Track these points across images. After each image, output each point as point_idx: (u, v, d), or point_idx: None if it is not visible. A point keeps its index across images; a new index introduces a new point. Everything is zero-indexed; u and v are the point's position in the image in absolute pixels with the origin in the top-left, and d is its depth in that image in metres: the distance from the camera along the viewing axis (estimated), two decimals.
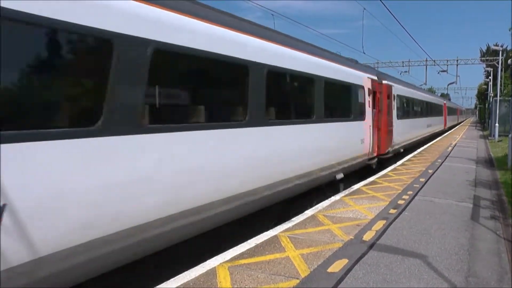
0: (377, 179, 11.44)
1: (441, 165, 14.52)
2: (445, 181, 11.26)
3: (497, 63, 38.04)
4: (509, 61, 28.35)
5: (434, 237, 6.26)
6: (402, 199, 8.75)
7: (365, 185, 10.42)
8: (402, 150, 17.99)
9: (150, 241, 4.59)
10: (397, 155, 17.13)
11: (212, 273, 4.72)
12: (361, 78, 11.92)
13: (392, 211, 7.77)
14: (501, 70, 35.97)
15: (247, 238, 6.05)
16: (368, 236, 6.19)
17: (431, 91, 60.98)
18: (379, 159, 14.31)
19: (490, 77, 46.32)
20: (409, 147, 19.90)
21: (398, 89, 16.94)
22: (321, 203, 8.41)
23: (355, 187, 10.20)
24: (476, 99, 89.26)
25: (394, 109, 15.94)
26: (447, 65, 50.51)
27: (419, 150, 20.19)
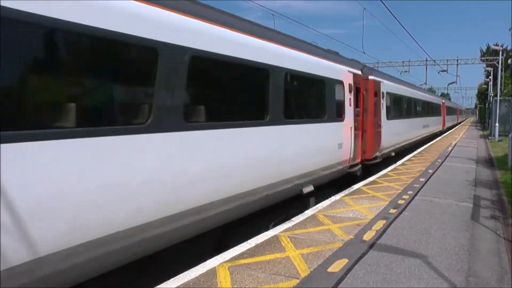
0: (377, 179, 11.45)
1: (441, 165, 14.53)
2: (445, 181, 11.26)
3: (497, 63, 38.04)
4: (509, 61, 28.38)
5: (434, 237, 6.26)
6: (402, 199, 8.76)
7: (365, 185, 10.42)
8: (393, 154, 16.48)
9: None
10: (388, 159, 15.81)
11: (212, 273, 4.72)
12: (340, 71, 10.28)
13: (392, 211, 7.78)
14: (501, 70, 35.99)
15: (247, 238, 6.06)
16: (368, 236, 6.20)
17: (431, 91, 60.89)
18: (365, 166, 12.76)
19: (490, 77, 46.33)
20: (403, 150, 18.58)
21: (388, 86, 15.33)
22: (321, 203, 8.40)
23: (355, 186, 10.20)
24: (476, 99, 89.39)
25: (383, 108, 14.34)
26: (447, 65, 50.57)
27: (419, 150, 20.19)
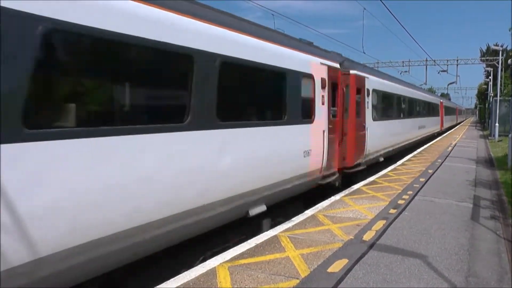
0: (377, 179, 11.45)
1: (441, 165, 14.53)
2: (445, 181, 11.26)
3: (497, 63, 38.05)
4: (509, 61, 28.35)
5: (434, 237, 6.26)
6: (402, 199, 8.76)
7: (365, 185, 10.42)
8: (382, 159, 14.72)
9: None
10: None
11: (212, 273, 4.72)
12: (308, 63, 8.53)
13: (392, 211, 7.78)
14: (501, 70, 35.99)
15: (247, 238, 6.06)
16: (368, 236, 6.20)
17: (431, 91, 60.84)
18: (346, 175, 11.15)
19: (490, 77, 46.35)
20: (394, 155, 16.84)
21: (374, 83, 13.61)
22: (321, 203, 8.39)
23: (355, 187, 10.20)
24: (476, 99, 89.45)
25: (368, 108, 12.71)
26: (447, 65, 50.57)
27: (419, 150, 20.20)
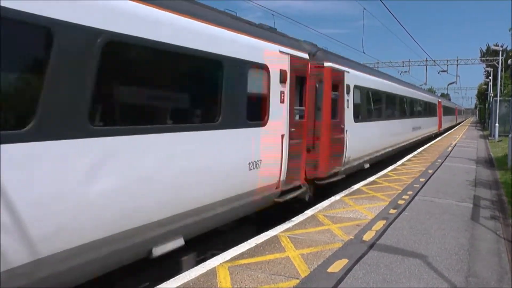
0: (377, 179, 11.45)
1: (441, 165, 14.53)
2: (445, 181, 11.26)
3: (497, 63, 38.05)
4: (509, 61, 28.35)
5: (434, 237, 6.26)
6: (402, 199, 8.76)
7: (365, 185, 10.42)
8: (367, 166, 13.00)
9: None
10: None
11: (212, 273, 4.72)
12: (259, 50, 6.94)
13: (392, 211, 7.78)
14: (501, 70, 35.99)
15: (247, 238, 6.05)
16: (368, 236, 6.20)
17: (431, 91, 60.81)
18: (319, 186, 9.43)
19: (490, 77, 46.35)
20: (385, 159, 15.33)
21: (356, 78, 11.67)
22: (321, 203, 8.39)
23: (355, 187, 10.20)
24: (476, 99, 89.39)
25: (348, 107, 10.89)
26: (447, 65, 50.56)
27: (419, 150, 20.19)
